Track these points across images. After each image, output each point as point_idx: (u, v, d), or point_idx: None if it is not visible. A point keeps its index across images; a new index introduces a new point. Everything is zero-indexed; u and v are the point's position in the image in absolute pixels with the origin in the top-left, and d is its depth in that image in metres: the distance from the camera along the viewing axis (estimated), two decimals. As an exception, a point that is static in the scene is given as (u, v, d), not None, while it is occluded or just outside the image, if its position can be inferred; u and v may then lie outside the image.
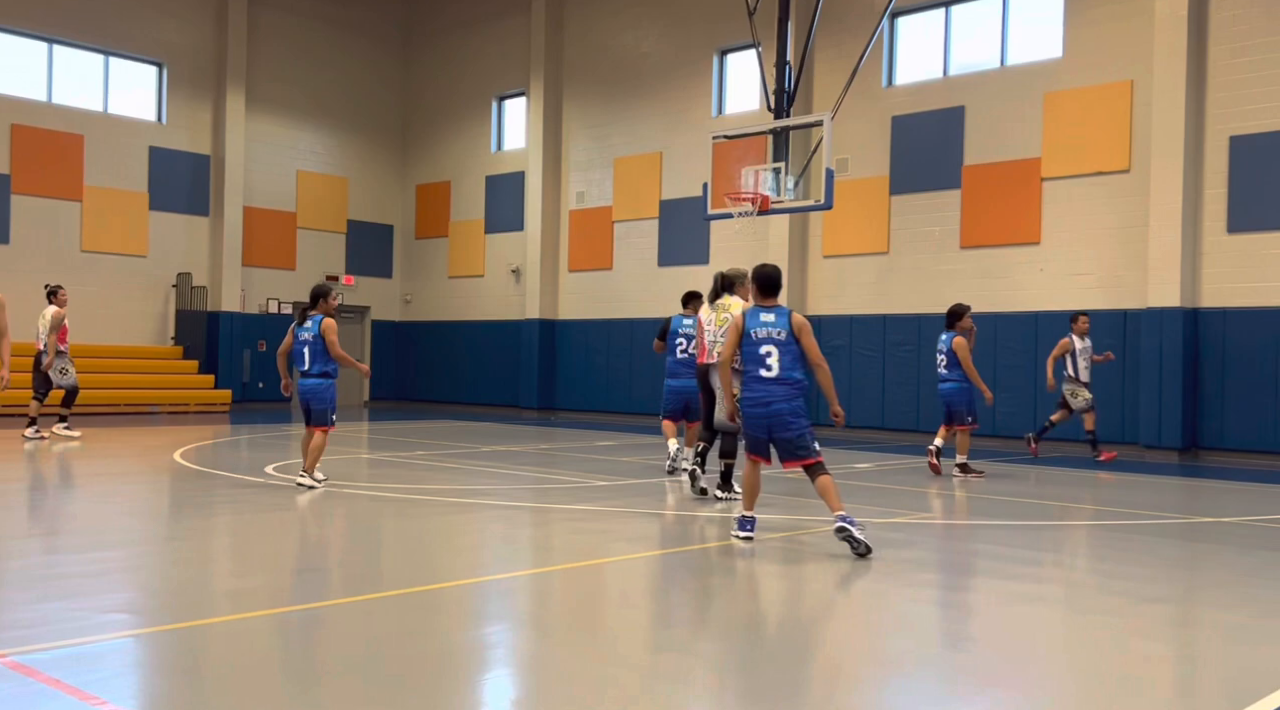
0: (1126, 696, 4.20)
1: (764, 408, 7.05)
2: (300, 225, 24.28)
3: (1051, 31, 16.34)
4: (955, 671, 4.54)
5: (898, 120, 17.75)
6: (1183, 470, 13.41)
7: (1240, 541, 7.88)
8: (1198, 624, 5.59)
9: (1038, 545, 7.61)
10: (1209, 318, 14.74)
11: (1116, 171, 15.55)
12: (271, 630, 4.87)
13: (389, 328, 25.72)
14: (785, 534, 7.88)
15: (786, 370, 7.01)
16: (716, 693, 4.21)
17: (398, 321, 25.89)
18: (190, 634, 4.75)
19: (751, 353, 7.10)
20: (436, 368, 24.78)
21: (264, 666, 4.34)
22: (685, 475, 10.42)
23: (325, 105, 24.62)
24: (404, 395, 25.51)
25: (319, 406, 9.46)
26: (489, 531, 7.98)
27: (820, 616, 5.67)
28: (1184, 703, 4.26)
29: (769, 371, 7.05)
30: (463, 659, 4.57)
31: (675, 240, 20.64)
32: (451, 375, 24.46)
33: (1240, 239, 14.55)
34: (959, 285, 16.86)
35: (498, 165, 24.11)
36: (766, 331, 7.07)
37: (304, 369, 9.49)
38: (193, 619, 5.01)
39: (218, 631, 4.83)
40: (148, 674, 4.27)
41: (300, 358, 9.51)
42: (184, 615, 5.09)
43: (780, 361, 7.03)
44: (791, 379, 7.03)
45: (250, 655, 4.49)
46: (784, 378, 7.01)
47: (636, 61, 21.45)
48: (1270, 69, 14.30)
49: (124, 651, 4.51)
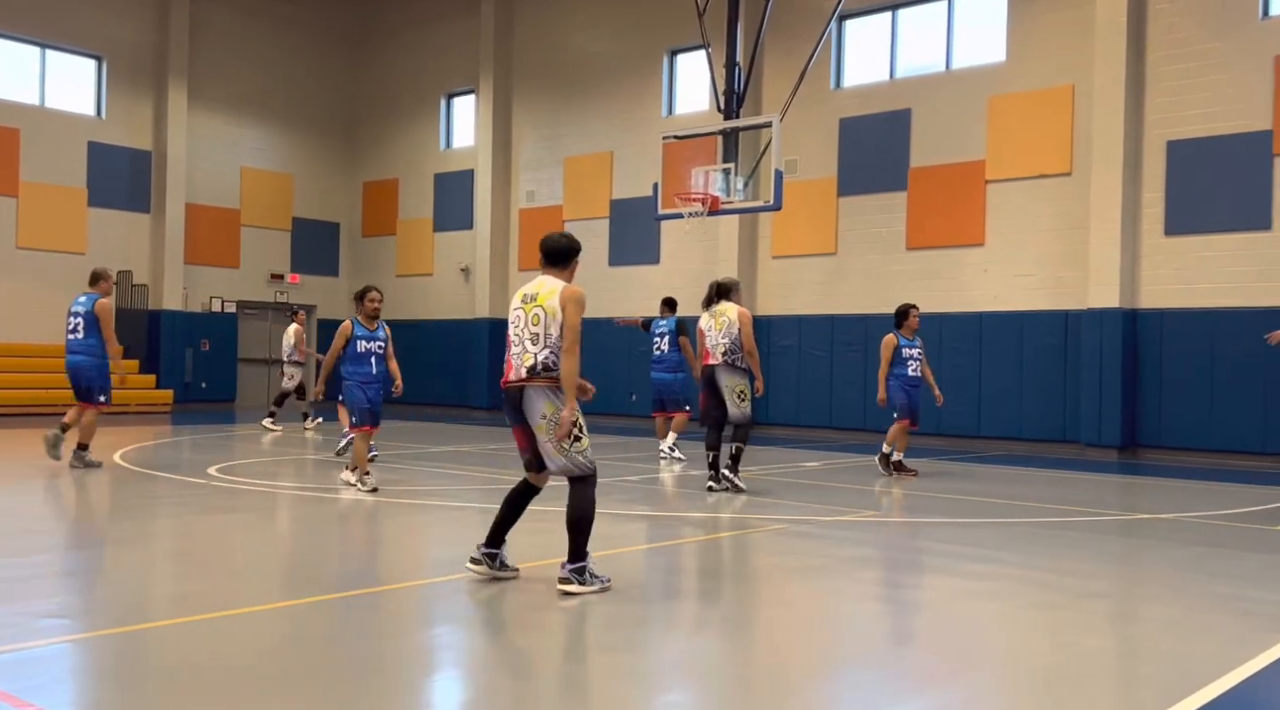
0: (1067, 690, 4.28)
1: None
2: (244, 222, 23.90)
3: (995, 36, 16.61)
4: (899, 668, 4.59)
5: (845, 122, 17.92)
6: (1122, 468, 13.70)
7: (1177, 537, 8.07)
8: (1136, 618, 5.72)
9: (980, 542, 7.73)
10: (1147, 318, 15.08)
11: (1058, 174, 15.85)
12: (215, 634, 4.78)
13: (336, 327, 25.41)
14: (733, 533, 7.92)
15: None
16: (665, 693, 4.22)
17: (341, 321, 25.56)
18: (131, 639, 4.65)
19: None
20: (384, 367, 24.54)
21: (207, 671, 4.26)
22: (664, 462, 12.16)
23: (270, 101, 24.25)
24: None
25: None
26: (438, 532, 7.92)
27: (767, 615, 5.71)
28: (1123, 695, 4.35)
29: None
30: (411, 661, 4.53)
31: (626, 240, 20.65)
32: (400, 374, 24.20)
33: (1177, 242, 14.90)
34: (906, 286, 17.06)
35: (446, 163, 23.94)
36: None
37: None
38: (133, 623, 4.90)
39: (159, 636, 4.74)
40: (86, 680, 4.18)
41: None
42: (124, 619, 4.98)
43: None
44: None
45: (192, 660, 4.40)
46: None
47: (587, 61, 21.42)
48: (1205, 76, 14.66)
49: (62, 657, 4.41)
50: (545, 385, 5.49)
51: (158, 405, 21.05)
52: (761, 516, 8.69)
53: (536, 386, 5.50)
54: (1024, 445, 15.75)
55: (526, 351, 5.52)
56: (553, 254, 5.75)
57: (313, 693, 3.96)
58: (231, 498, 9.04)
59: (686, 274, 19.74)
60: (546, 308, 5.52)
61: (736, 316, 9.60)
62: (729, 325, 9.61)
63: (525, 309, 5.61)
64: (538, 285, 5.66)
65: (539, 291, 5.61)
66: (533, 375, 5.49)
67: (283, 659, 4.47)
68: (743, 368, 9.57)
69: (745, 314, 9.72)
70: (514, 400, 5.58)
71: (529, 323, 5.56)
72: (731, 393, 9.54)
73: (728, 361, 9.55)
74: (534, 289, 5.65)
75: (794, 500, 9.64)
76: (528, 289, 5.69)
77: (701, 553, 7.30)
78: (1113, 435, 14.96)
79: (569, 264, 5.76)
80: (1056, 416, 15.61)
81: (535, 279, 5.74)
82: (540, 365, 5.48)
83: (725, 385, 9.55)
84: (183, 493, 9.41)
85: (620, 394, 20.43)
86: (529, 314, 5.57)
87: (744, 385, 9.55)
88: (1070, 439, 15.48)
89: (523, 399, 5.55)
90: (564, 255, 5.74)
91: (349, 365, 9.56)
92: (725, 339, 9.58)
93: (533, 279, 5.75)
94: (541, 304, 5.55)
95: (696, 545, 7.51)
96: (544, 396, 5.50)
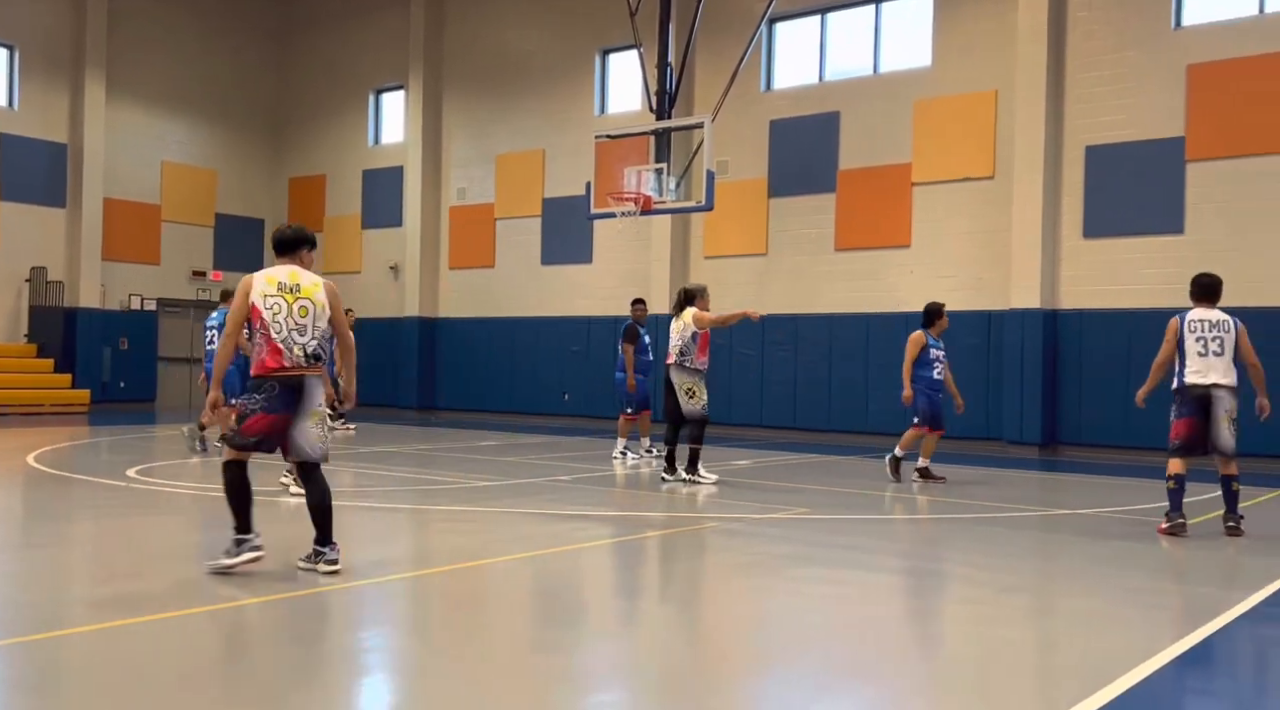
0: (987, 683, 4.38)
1: None
2: (165, 218, 23.30)
3: (921, 41, 16.91)
4: (825, 665, 4.65)
5: (776, 124, 18.10)
6: (1043, 464, 14.05)
7: (1095, 532, 8.31)
8: (1054, 612, 5.87)
9: (905, 538, 7.87)
10: (1066, 319, 15.49)
11: (982, 178, 16.20)
12: (135, 640, 4.66)
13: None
14: (664, 532, 7.95)
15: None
16: (594, 693, 4.22)
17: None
18: (45, 646, 4.51)
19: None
20: (311, 366, 24.13)
21: (126, 678, 4.14)
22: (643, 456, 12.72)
23: (193, 94, 23.67)
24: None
25: None
26: (365, 534, 7.82)
27: (696, 613, 5.74)
28: (1042, 687, 4.46)
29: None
30: (337, 664, 4.46)
31: (559, 239, 20.59)
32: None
33: (1095, 244, 15.34)
34: (834, 286, 17.31)
35: (375, 159, 23.62)
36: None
37: None
38: (48, 630, 4.75)
39: (76, 642, 4.60)
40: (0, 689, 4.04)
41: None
42: (38, 626, 4.82)
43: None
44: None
45: (111, 667, 4.28)
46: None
47: (518, 58, 21.31)
48: (1121, 83, 15.12)
49: (-30, 668, 4.25)
50: (317, 374, 5.82)
51: (74, 406, 20.43)
52: (693, 515, 8.74)
53: (316, 375, 5.82)
54: (948, 443, 16.02)
55: (296, 342, 5.74)
56: (282, 245, 6.04)
57: (236, 697, 3.88)
58: (151, 500, 8.81)
59: (619, 273, 19.76)
60: (315, 301, 5.81)
61: (691, 320, 10.33)
62: (684, 328, 10.37)
63: (287, 299, 5.78)
64: (293, 276, 5.87)
65: (300, 283, 5.84)
66: (311, 364, 5.78)
67: (205, 664, 4.37)
68: (691, 367, 10.30)
69: (699, 314, 10.37)
70: (295, 387, 5.76)
71: (294, 314, 5.77)
72: (681, 390, 10.32)
73: (678, 362, 10.34)
74: (291, 280, 5.84)
75: (725, 498, 9.71)
76: (281, 278, 5.84)
77: (632, 552, 7.32)
78: (1034, 433, 15.34)
79: (297, 252, 6.03)
80: (980, 414, 15.95)
81: (282, 268, 5.92)
82: (311, 355, 5.79)
83: (676, 383, 10.36)
84: (100, 496, 9.15)
85: (553, 394, 20.38)
86: (293, 305, 5.78)
87: (692, 383, 10.28)
88: (993, 436, 15.83)
89: (304, 387, 5.78)
90: (293, 245, 6.02)
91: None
92: (680, 341, 10.36)
93: (281, 266, 5.95)
94: (309, 296, 5.81)
95: (627, 544, 7.52)
96: (319, 386, 5.83)
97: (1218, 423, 7.78)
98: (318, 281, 5.91)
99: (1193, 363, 7.83)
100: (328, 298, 5.87)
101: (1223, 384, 7.77)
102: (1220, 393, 7.77)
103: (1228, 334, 7.82)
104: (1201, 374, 7.79)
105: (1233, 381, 7.80)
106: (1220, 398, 7.77)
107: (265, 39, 25.10)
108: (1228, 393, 7.78)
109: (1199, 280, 8.08)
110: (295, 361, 5.73)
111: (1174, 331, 7.92)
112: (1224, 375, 7.78)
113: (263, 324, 5.72)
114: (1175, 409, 8.00)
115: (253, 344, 5.83)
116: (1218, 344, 7.80)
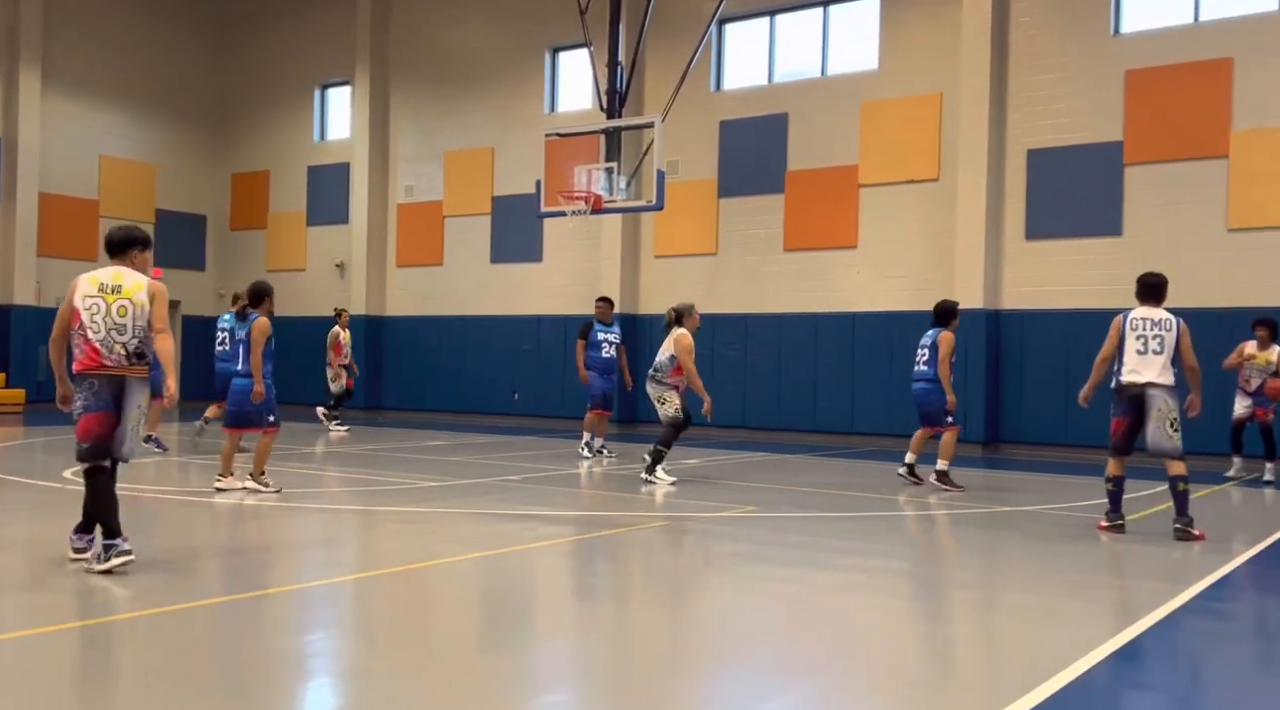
0: (932, 678, 4.44)
1: None
2: (103, 213, 22.73)
3: (869, 44, 17.08)
4: (773, 662, 4.68)
5: (725, 124, 18.17)
6: (986, 462, 14.27)
7: (1037, 529, 8.45)
8: (998, 607, 5.97)
9: (852, 535, 7.94)
10: (1009, 319, 15.75)
11: (927, 180, 16.41)
12: (71, 644, 4.54)
13: (201, 323, 24.39)
14: (614, 531, 7.94)
15: None
16: (543, 694, 4.20)
17: (211, 317, 24.61)
18: (-23, 654, 4.38)
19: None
20: (255, 365, 23.71)
21: (63, 682, 4.04)
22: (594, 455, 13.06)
23: (132, 86, 23.15)
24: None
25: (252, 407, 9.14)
26: (310, 536, 7.71)
27: (643, 612, 5.75)
28: (987, 682, 4.53)
29: None
30: (280, 668, 4.39)
31: (508, 237, 20.48)
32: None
33: (1037, 246, 15.61)
34: (783, 286, 17.42)
35: (321, 155, 23.30)
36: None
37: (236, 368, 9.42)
38: (-20, 638, 4.62)
39: (9, 648, 4.47)
40: (-74, 700, 3.91)
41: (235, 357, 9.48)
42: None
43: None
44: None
45: (48, 671, 4.17)
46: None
47: (467, 55, 21.16)
48: (1062, 88, 15.40)
49: (-102, 677, 4.12)
50: (140, 375, 5.97)
51: (9, 405, 19.89)
52: (643, 514, 8.74)
53: (136, 376, 5.96)
54: (894, 440, 16.24)
55: (114, 343, 5.87)
56: (112, 246, 6.15)
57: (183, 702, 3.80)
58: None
59: (570, 272, 19.71)
60: (135, 301, 5.91)
61: (672, 343, 10.90)
62: (665, 349, 10.99)
63: (107, 299, 5.91)
64: (116, 276, 5.98)
65: (122, 284, 5.94)
66: (131, 364, 5.92)
67: (149, 667, 4.27)
68: (663, 382, 10.92)
69: (681, 339, 10.83)
70: (115, 388, 5.90)
71: (113, 313, 5.89)
72: (653, 398, 11.06)
73: (652, 375, 11.01)
74: (113, 281, 5.95)
75: (675, 498, 9.74)
76: (104, 279, 5.96)
77: (581, 552, 7.30)
78: (977, 431, 15.57)
79: (128, 253, 6.12)
80: (925, 413, 16.15)
81: (108, 269, 6.05)
82: (133, 354, 5.92)
83: (649, 393, 11.10)
84: (35, 497, 8.92)
85: (502, 393, 20.27)
86: (112, 305, 5.90)
87: (660, 393, 10.94)
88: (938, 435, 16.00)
89: (125, 387, 5.92)
90: (123, 246, 6.12)
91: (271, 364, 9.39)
92: (661, 357, 10.98)
93: (107, 267, 6.07)
94: (129, 297, 5.91)
95: (577, 544, 7.51)
96: (142, 386, 5.99)
97: (1150, 422, 7.77)
98: (141, 282, 5.99)
99: (1130, 360, 7.87)
100: (149, 298, 5.95)
101: (1158, 383, 7.75)
102: (1155, 392, 7.75)
103: (1169, 332, 7.84)
104: (1137, 372, 7.82)
105: (1169, 380, 7.77)
106: (1154, 396, 7.75)
107: (208, 31, 24.63)
108: (1163, 392, 7.74)
109: (1143, 280, 8.14)
110: (116, 360, 5.85)
111: (1116, 329, 7.97)
112: (1159, 374, 7.77)
113: (80, 325, 5.86)
114: (1112, 407, 8.11)
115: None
116: (1158, 343, 7.81)
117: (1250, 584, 6.66)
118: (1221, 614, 5.73)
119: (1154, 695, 4.37)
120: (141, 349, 5.92)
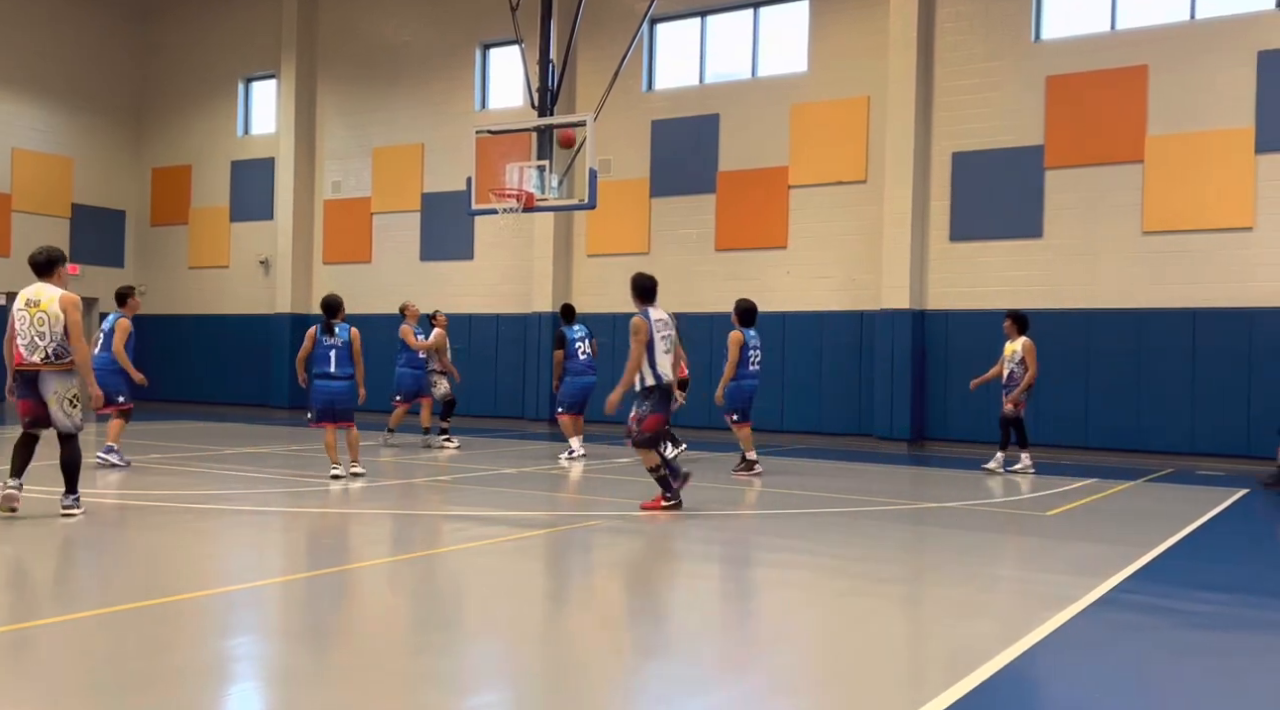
0: (863, 671, 4.50)
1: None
2: (16, 208, 22.00)
3: (798, 46, 17.27)
4: (704, 659, 4.71)
5: (657, 124, 18.22)
6: (912, 459, 14.53)
7: (962, 524, 8.64)
8: (925, 601, 6.08)
9: (783, 532, 8.03)
10: (934, 319, 16.06)
11: (855, 182, 16.65)
12: None
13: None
14: (546, 531, 7.92)
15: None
16: (474, 695, 4.17)
17: (131, 315, 23.96)
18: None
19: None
20: (175, 365, 23.06)
21: None
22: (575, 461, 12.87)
23: (47, 77, 22.40)
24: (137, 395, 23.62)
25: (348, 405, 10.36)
26: (234, 538, 7.55)
27: (576, 612, 5.74)
28: (913, 673, 4.62)
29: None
30: (205, 672, 4.29)
31: (438, 234, 20.27)
32: (192, 373, 22.87)
33: (960, 247, 15.94)
34: (714, 286, 17.52)
35: (244, 150, 22.81)
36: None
37: (331, 371, 10.43)
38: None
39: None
40: None
41: (327, 360, 10.45)
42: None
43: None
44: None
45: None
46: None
47: (396, 50, 20.89)
48: (986, 92, 15.75)
49: None
50: (56, 370, 7.45)
51: (-88, 406, 19.13)
52: (575, 513, 8.72)
53: (49, 371, 7.45)
54: (823, 438, 16.47)
55: (36, 346, 7.41)
56: (37, 267, 7.54)
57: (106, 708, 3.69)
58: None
59: (501, 270, 19.59)
60: (49, 313, 7.38)
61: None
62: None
63: (30, 312, 7.43)
64: (38, 292, 7.46)
65: (40, 299, 7.42)
66: (45, 363, 7.42)
67: (68, 675, 4.14)
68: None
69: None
70: (30, 380, 7.48)
71: (34, 324, 7.42)
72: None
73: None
74: (35, 295, 7.45)
75: (607, 496, 9.74)
76: (30, 295, 7.47)
77: (514, 552, 7.27)
78: (903, 429, 15.86)
79: (54, 271, 7.54)
80: (853, 411, 16.40)
81: (34, 286, 7.49)
82: (51, 354, 7.43)
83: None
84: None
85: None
86: (33, 316, 7.42)
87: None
88: (865, 432, 16.29)
89: (39, 380, 7.48)
90: (46, 266, 7.53)
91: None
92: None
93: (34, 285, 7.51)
94: (44, 309, 7.40)
95: (509, 544, 7.46)
96: (57, 378, 7.45)
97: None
98: (54, 296, 7.43)
99: (659, 361, 9.00)
100: (62, 309, 7.39)
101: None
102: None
103: (673, 331, 9.07)
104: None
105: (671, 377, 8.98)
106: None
107: (128, 20, 23.93)
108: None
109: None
110: (37, 359, 7.40)
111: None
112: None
113: (12, 331, 7.47)
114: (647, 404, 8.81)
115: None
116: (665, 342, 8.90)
117: (1166, 577, 6.88)
118: (1138, 606, 5.91)
119: (1077, 684, 4.49)
120: (60, 350, 7.39)
